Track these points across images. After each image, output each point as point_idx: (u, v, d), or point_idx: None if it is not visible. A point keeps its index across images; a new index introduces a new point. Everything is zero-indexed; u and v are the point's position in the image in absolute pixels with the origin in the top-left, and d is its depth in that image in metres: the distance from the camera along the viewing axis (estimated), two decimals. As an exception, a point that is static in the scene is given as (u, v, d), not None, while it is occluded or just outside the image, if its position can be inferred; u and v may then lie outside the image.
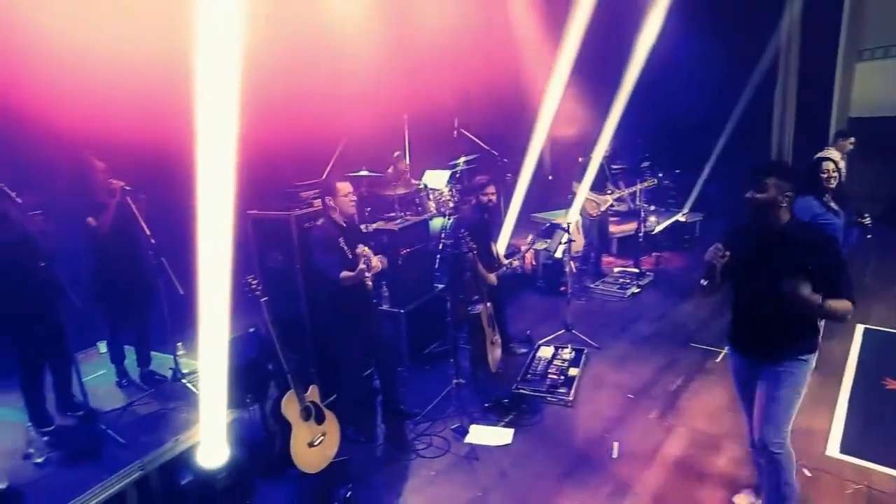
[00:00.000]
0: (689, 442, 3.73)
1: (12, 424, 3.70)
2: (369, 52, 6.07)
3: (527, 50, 7.90)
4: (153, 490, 3.32)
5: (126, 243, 3.86)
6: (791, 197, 2.55)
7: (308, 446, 3.41)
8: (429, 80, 6.57)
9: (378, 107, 5.90)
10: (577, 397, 4.34)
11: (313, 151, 5.13)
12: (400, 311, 4.74)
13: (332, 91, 5.50)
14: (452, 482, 3.51)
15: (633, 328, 5.58)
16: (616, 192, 7.04)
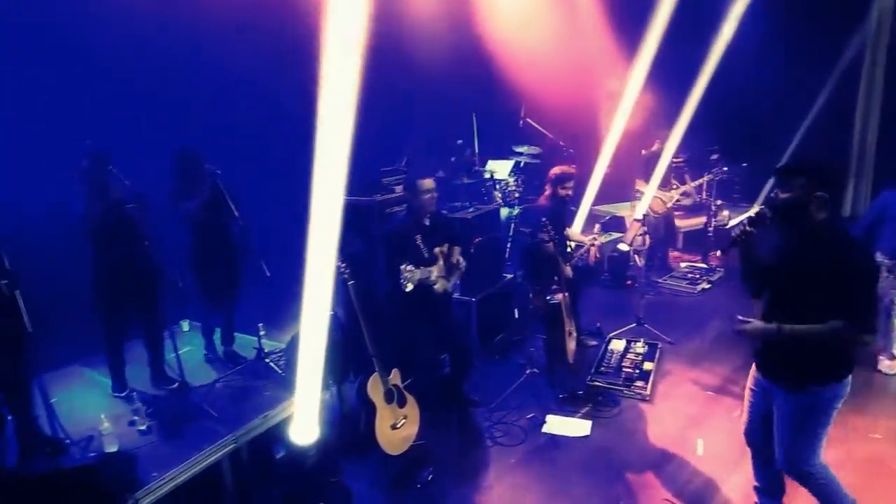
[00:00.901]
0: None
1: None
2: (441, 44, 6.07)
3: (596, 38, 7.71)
4: (243, 463, 3.46)
5: (217, 226, 4.00)
6: (823, 200, 2.28)
7: (391, 428, 3.47)
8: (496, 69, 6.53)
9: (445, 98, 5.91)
10: (654, 392, 4.26)
11: (392, 140, 5.19)
12: (471, 299, 4.75)
13: (407, 81, 5.54)
14: (533, 471, 3.50)
15: (707, 325, 5.41)
16: (681, 186, 6.84)
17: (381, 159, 4.77)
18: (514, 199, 6.22)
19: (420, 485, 3.41)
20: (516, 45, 6.76)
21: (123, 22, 4.19)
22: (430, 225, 3.72)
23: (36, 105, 3.87)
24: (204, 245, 3.99)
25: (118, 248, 3.59)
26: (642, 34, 6.05)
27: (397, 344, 4.19)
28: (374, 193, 4.17)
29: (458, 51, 6.29)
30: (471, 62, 6.42)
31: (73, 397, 3.99)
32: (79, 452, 3.19)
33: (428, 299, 3.70)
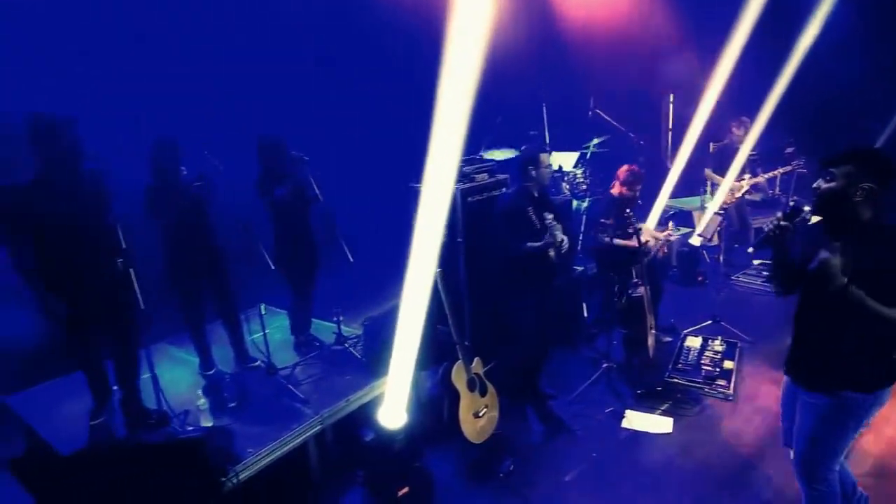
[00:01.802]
0: (882, 450, 3.41)
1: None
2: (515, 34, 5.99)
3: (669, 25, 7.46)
4: (328, 444, 3.54)
5: (302, 211, 4.08)
6: (869, 191, 2.08)
7: (473, 416, 3.47)
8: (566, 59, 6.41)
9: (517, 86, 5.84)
10: (737, 391, 4.11)
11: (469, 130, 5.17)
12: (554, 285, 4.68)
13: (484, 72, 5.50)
14: (617, 466, 3.44)
15: (788, 325, 5.15)
16: (752, 178, 6.54)
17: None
18: (581, 192, 6.11)
19: (502, 474, 3.40)
20: (588, 33, 6.61)
21: (213, 13, 4.32)
22: (538, 198, 3.82)
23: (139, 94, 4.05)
24: (288, 230, 4.07)
25: (187, 235, 3.69)
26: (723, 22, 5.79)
27: (492, 328, 4.19)
28: (456, 182, 4.15)
29: (531, 41, 6.20)
30: (542, 52, 6.32)
31: (162, 373, 4.14)
32: (178, 425, 3.32)
33: (542, 270, 3.75)
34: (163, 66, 4.21)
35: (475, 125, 5.39)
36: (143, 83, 4.12)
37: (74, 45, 3.93)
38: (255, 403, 3.66)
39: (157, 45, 4.25)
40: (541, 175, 3.74)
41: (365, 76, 5.36)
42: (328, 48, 4.95)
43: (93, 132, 3.11)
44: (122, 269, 2.89)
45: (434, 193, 2.74)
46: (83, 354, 3.10)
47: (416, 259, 2.83)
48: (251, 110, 4.47)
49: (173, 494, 2.69)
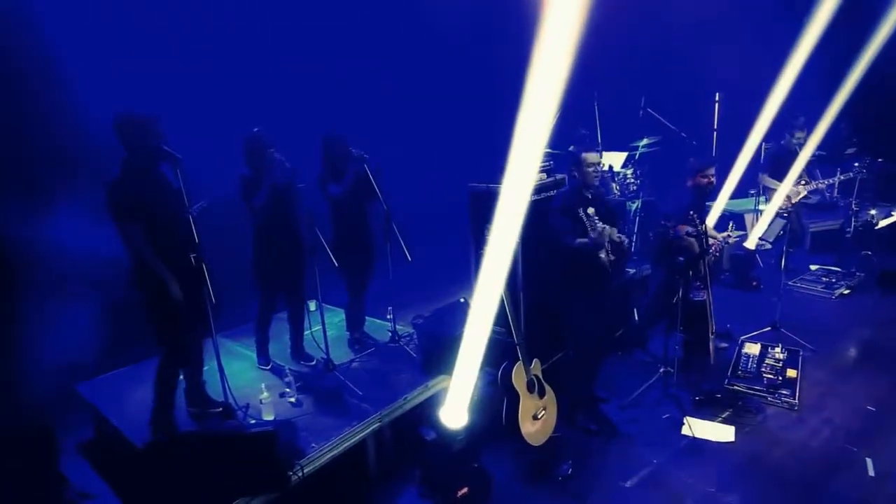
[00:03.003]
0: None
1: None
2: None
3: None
4: (386, 441, 3.56)
5: (361, 209, 4.11)
6: None
7: (532, 418, 3.44)
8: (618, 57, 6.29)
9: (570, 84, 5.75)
10: (801, 401, 3.96)
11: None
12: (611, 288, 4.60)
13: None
14: (680, 474, 3.36)
15: (854, 333, 4.98)
16: (811, 182, 6.30)
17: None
18: (631, 192, 5.99)
19: (561, 478, 3.36)
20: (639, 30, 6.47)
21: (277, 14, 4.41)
22: (592, 200, 3.75)
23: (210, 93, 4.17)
24: (346, 227, 4.11)
25: (278, 223, 3.77)
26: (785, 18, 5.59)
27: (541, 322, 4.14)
28: (509, 181, 4.12)
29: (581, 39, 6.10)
30: (594, 50, 6.21)
31: (219, 367, 4.27)
32: (242, 417, 3.39)
33: (594, 271, 3.68)
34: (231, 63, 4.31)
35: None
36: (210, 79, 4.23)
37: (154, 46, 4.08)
38: (316, 399, 3.71)
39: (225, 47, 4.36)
40: (584, 175, 3.68)
41: (428, 75, 5.37)
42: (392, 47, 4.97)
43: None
44: (197, 265, 2.95)
45: (512, 195, 2.71)
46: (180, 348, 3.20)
47: (490, 260, 2.81)
48: (315, 108, 4.54)
49: (243, 486, 2.75)
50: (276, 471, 2.81)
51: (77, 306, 3.95)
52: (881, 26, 5.56)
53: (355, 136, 4.06)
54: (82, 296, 3.96)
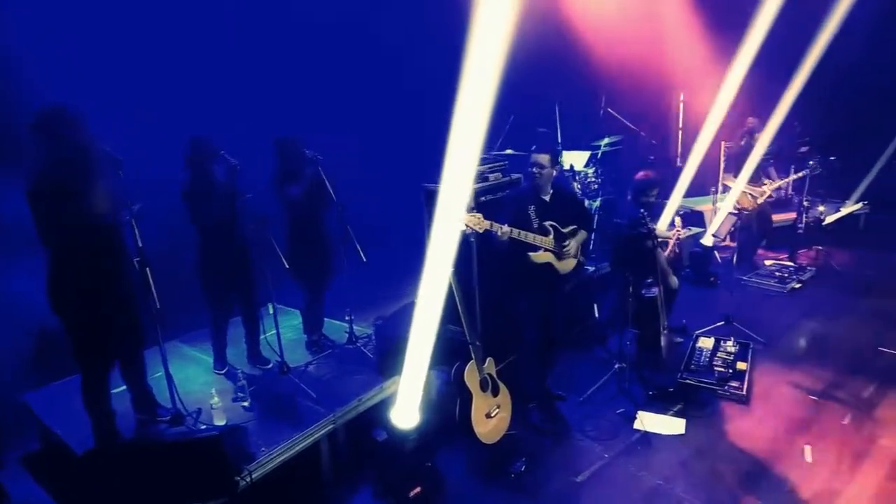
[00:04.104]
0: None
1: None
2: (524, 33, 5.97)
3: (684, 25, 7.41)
4: (340, 443, 3.55)
5: (316, 211, 4.09)
6: None
7: (485, 417, 3.47)
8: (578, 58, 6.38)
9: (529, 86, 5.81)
10: (750, 393, 4.08)
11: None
12: (565, 289, 4.66)
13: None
14: (629, 467, 3.43)
15: (802, 326, 5.14)
16: (775, 181, 6.49)
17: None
18: (593, 191, 6.09)
19: (513, 475, 3.40)
20: (599, 32, 6.58)
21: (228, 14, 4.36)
22: (551, 202, 3.72)
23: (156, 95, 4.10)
24: (302, 230, 4.09)
25: (223, 227, 3.73)
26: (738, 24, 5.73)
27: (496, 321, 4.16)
28: (467, 182, 4.15)
29: (542, 40, 6.18)
30: (554, 51, 6.30)
31: (174, 372, 4.17)
32: (191, 423, 3.35)
33: (529, 270, 3.66)
34: (177, 65, 4.26)
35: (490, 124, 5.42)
36: (157, 81, 4.17)
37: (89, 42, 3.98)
38: (269, 402, 3.67)
39: (171, 45, 4.30)
40: (529, 175, 3.65)
41: (379, 77, 5.37)
42: (342, 48, 4.97)
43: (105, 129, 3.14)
44: (140, 269, 2.90)
45: (451, 194, 2.73)
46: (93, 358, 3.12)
47: (433, 259, 2.83)
48: (266, 110, 4.51)
49: (189, 492, 2.72)
50: (223, 476, 2.79)
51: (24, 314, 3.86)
52: (827, 26, 5.74)
53: (308, 139, 4.03)
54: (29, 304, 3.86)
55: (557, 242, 3.66)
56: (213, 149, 3.61)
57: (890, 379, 4.14)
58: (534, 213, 3.61)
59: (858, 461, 3.35)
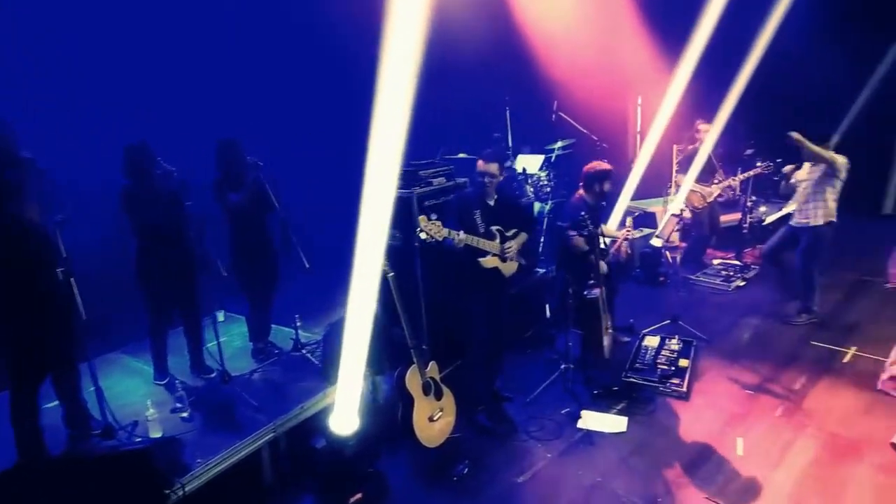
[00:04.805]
0: (824, 444, 3.52)
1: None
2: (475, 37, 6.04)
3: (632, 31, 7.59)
4: (282, 452, 3.51)
5: (258, 218, 4.05)
6: None
7: (428, 420, 3.49)
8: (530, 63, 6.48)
9: (480, 90, 5.89)
10: (690, 389, 4.19)
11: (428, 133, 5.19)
12: (510, 292, 4.71)
13: (442, 75, 5.53)
14: (570, 466, 3.48)
15: (744, 322, 5.31)
16: (724, 181, 6.69)
17: (416, 152, 4.78)
18: (545, 194, 6.18)
19: (456, 477, 3.42)
20: (550, 39, 6.69)
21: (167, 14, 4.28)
22: (495, 206, 3.76)
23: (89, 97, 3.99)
24: (244, 237, 4.04)
25: (161, 236, 3.66)
26: (684, 29, 5.92)
27: (445, 330, 4.18)
28: (412, 186, 4.16)
29: (493, 45, 6.26)
30: (505, 56, 6.38)
31: (114, 384, 4.10)
32: (126, 437, 3.27)
33: (478, 274, 3.70)
34: (112, 69, 4.16)
35: (435, 129, 5.45)
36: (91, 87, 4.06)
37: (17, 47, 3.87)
38: (209, 412, 3.62)
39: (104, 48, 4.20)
40: (478, 182, 3.67)
41: (321, 80, 5.33)
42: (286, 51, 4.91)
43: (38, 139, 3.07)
44: (64, 279, 2.82)
45: (376, 197, 2.74)
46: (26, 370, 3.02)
47: (361, 263, 2.83)
48: (207, 115, 4.43)
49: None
50: (153, 490, 2.73)
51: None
52: (765, 28, 5.97)
53: (250, 144, 4.00)
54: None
55: (502, 246, 3.71)
56: (150, 156, 3.54)
57: (819, 371, 4.33)
58: (479, 217, 3.65)
59: (786, 450, 3.48)
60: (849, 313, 5.30)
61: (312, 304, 4.60)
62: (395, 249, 4.12)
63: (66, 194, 3.04)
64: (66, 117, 3.92)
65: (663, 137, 6.85)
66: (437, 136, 5.41)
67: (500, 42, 6.43)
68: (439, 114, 5.42)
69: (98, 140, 3.94)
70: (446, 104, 5.51)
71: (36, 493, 2.58)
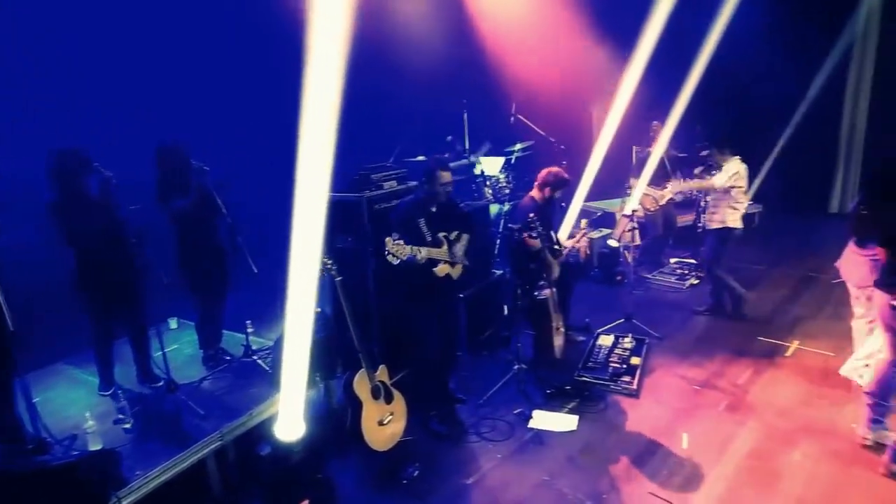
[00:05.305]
0: (762, 436, 3.63)
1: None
2: (431, 39, 6.06)
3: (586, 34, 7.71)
4: (229, 460, 3.46)
5: (205, 223, 3.98)
6: None
7: (378, 424, 3.48)
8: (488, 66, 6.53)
9: (438, 93, 5.91)
10: (640, 386, 4.28)
11: (381, 136, 5.19)
12: (459, 295, 4.74)
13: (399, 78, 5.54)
14: (519, 465, 3.52)
15: (696, 319, 5.45)
16: (678, 182, 6.83)
17: (370, 156, 4.77)
18: (504, 196, 6.24)
19: (406, 481, 3.42)
20: (507, 43, 6.76)
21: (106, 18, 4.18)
22: (437, 212, 3.75)
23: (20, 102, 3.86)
24: (191, 243, 3.97)
25: (99, 245, 3.56)
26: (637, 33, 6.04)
27: (394, 336, 4.18)
28: (363, 190, 4.15)
29: (450, 48, 6.30)
30: (462, 60, 6.43)
31: (58, 396, 3.99)
32: (62, 451, 3.17)
33: (431, 283, 3.71)
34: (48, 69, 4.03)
35: (388, 133, 5.46)
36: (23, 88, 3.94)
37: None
38: (153, 422, 3.54)
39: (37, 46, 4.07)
40: (434, 190, 3.66)
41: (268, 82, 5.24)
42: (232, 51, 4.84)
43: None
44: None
45: (309, 200, 2.72)
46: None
47: (297, 267, 2.81)
48: (149, 118, 4.34)
49: (46, 525, 2.57)
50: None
51: None
52: (714, 29, 6.13)
53: (196, 148, 3.93)
54: None
55: (449, 250, 3.73)
56: (84, 161, 3.44)
57: (762, 366, 4.46)
58: (425, 226, 3.65)
59: (727, 443, 3.58)
60: (793, 309, 5.49)
61: (266, 309, 4.53)
62: (345, 253, 4.11)
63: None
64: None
65: (623, 138, 7.02)
66: (394, 139, 5.41)
67: (460, 46, 6.47)
68: (396, 117, 5.43)
69: (27, 144, 3.81)
70: (403, 107, 5.52)
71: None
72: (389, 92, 5.47)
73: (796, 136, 8.04)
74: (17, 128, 3.85)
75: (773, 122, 8.09)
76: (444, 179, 3.66)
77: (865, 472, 3.23)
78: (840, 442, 3.51)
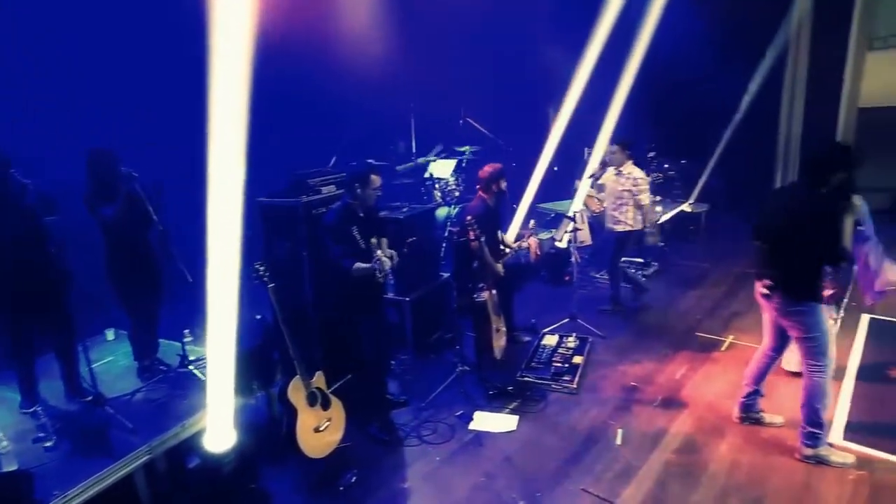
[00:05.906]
0: (693, 428, 3.75)
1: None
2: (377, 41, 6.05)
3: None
4: (160, 474, 3.36)
5: (135, 231, 3.87)
6: None
7: (314, 431, 3.44)
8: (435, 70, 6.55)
9: (384, 96, 5.90)
10: (581, 385, 4.36)
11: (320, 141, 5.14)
12: (405, 298, 4.74)
13: (340, 80, 5.50)
14: (457, 467, 3.53)
15: (639, 318, 5.58)
16: None
17: (309, 161, 4.73)
18: (453, 199, 6.25)
19: (343, 487, 3.39)
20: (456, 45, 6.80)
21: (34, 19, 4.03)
22: (364, 217, 3.75)
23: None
24: (122, 251, 3.85)
25: (20, 253, 3.42)
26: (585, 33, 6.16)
27: (333, 342, 4.15)
28: (299, 195, 4.11)
29: (395, 52, 6.29)
30: (410, 63, 6.42)
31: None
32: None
33: (369, 291, 3.71)
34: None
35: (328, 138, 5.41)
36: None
37: None
38: (78, 439, 3.41)
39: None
40: (366, 195, 3.66)
41: (193, 85, 5.16)
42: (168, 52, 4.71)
43: None
44: None
45: (225, 204, 2.68)
46: None
47: (216, 273, 2.76)
48: (77, 122, 4.19)
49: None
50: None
51: None
52: (642, 32, 6.30)
53: (126, 154, 3.81)
54: None
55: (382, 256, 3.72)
56: (4, 161, 3.30)
57: (699, 361, 4.61)
58: (358, 233, 3.64)
59: (659, 438, 3.68)
60: (731, 305, 5.69)
61: (205, 318, 4.43)
62: (281, 259, 4.06)
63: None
64: None
65: (576, 140, 7.14)
66: (339, 143, 5.37)
67: (406, 50, 6.46)
68: (341, 119, 5.39)
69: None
70: (347, 111, 5.48)
71: None
72: (332, 94, 5.42)
73: (737, 136, 8.34)
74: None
75: (715, 121, 8.37)
76: (375, 184, 3.66)
77: (782, 458, 3.37)
78: (762, 431, 3.65)
